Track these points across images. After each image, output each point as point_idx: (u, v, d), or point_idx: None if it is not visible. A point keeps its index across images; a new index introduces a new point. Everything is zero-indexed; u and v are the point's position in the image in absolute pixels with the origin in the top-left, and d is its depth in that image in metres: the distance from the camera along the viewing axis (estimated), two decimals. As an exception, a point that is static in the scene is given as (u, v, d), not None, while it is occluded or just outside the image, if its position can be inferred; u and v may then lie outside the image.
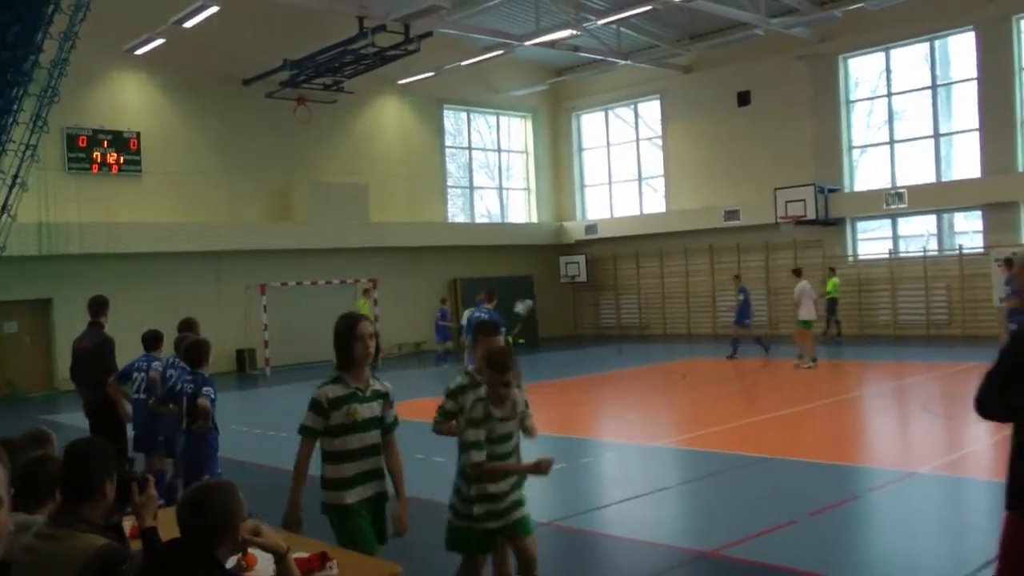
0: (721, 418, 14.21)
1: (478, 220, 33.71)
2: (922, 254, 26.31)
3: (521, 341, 24.05)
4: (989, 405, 4.01)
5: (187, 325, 9.47)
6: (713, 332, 29.97)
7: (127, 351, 10.13)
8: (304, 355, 27.07)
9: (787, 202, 26.92)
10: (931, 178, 26.17)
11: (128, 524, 4.30)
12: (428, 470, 10.17)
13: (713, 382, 19.20)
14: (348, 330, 5.16)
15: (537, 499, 10.09)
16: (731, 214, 29.41)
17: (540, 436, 11.89)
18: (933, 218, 26.54)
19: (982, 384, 4.04)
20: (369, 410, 5.16)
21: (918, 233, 27.07)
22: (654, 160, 33.04)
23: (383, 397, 5.27)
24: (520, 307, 18.54)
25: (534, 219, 34.94)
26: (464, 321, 19.27)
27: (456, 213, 33.14)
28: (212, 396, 7.77)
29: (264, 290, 25.96)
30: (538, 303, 30.75)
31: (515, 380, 5.40)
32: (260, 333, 25.84)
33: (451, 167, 33.08)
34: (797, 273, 21.63)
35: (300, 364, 26.51)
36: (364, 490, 5.14)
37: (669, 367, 22.28)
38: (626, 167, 34.06)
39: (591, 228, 33.76)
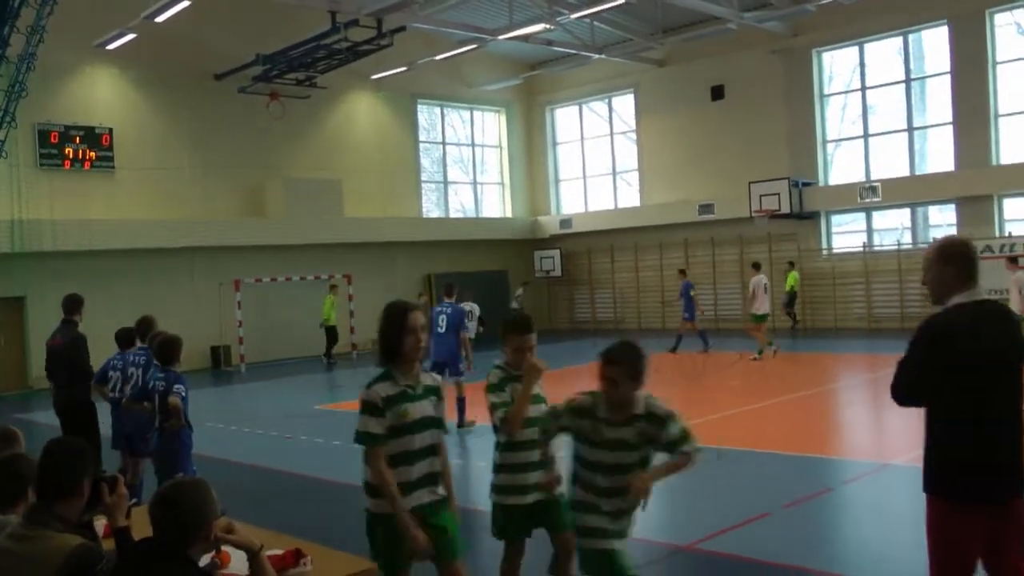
0: (695, 411, 14.20)
1: (453, 215, 33.69)
2: (896, 247, 26.52)
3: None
4: (906, 392, 4.26)
5: (144, 324, 9.43)
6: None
7: (101, 349, 10.09)
8: (279, 351, 27.03)
9: (761, 196, 27.05)
10: (905, 172, 26.38)
11: (100, 524, 4.29)
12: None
13: (687, 376, 19.23)
14: (398, 322, 4.73)
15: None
16: (705, 208, 29.52)
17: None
18: (907, 211, 26.76)
19: (897, 372, 4.26)
20: (421, 409, 4.73)
21: (892, 227, 27.30)
22: (628, 154, 33.11)
23: (434, 393, 4.86)
24: (520, 292, 18.70)
25: (509, 214, 34.96)
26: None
27: (431, 208, 33.11)
28: (183, 394, 7.72)
29: (238, 286, 25.87)
30: (510, 298, 30.85)
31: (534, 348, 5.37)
32: (234, 329, 25.75)
33: (425, 162, 33.04)
34: (756, 267, 21.88)
35: (275, 361, 26.45)
36: (420, 495, 4.70)
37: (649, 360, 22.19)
38: (600, 161, 34.11)
39: (566, 222, 33.81)
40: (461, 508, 5.32)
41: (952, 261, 4.25)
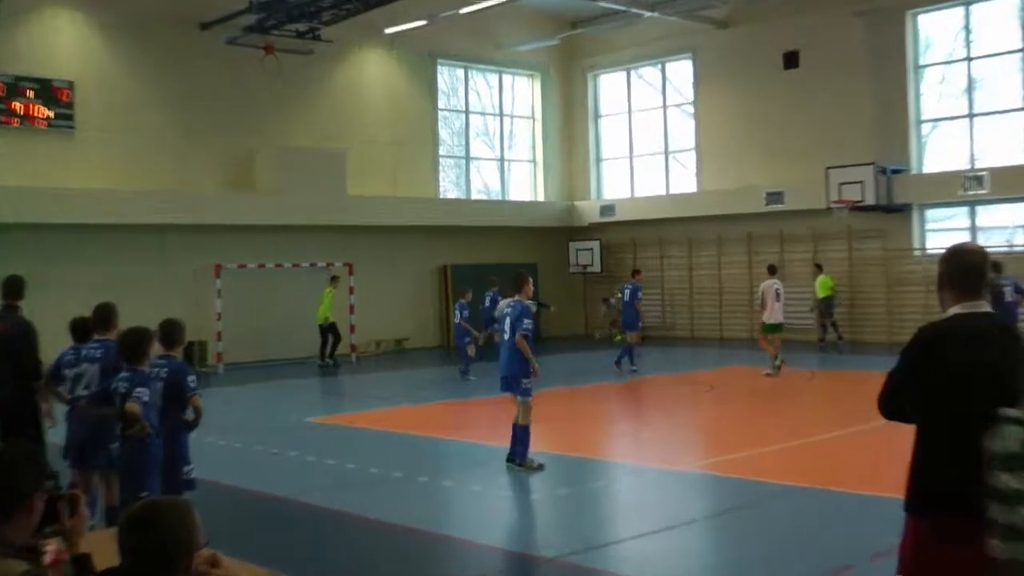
0: (756, 439, 14.24)
1: (475, 197, 33.66)
2: (1007, 248, 26.19)
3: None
4: (888, 403, 4.72)
5: (102, 313, 9.30)
6: (750, 335, 29.81)
7: (46, 342, 10.05)
8: (265, 351, 26.98)
9: (841, 184, 26.78)
10: (1019, 159, 26.07)
11: (52, 548, 4.21)
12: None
13: (748, 395, 19.18)
14: None
15: (540, 531, 10.14)
16: (774, 196, 29.31)
17: (543, 456, 12.00)
18: (1021, 206, 26.44)
19: (884, 383, 4.71)
20: None
21: (1002, 224, 26.99)
22: (684, 131, 32.96)
23: None
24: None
25: (540, 197, 34.89)
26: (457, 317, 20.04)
27: (449, 188, 33.10)
28: (144, 398, 7.72)
29: (219, 272, 25.84)
30: (545, 295, 30.73)
31: None
32: (212, 323, 25.71)
33: (444, 134, 33.00)
34: (771, 270, 22.09)
35: (259, 362, 26.43)
36: None
37: (696, 376, 22.23)
38: (650, 138, 33.97)
39: (607, 209, 33.70)
40: None
41: (957, 269, 4.65)
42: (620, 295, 23.70)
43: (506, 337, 12.14)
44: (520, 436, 12.09)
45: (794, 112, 29.35)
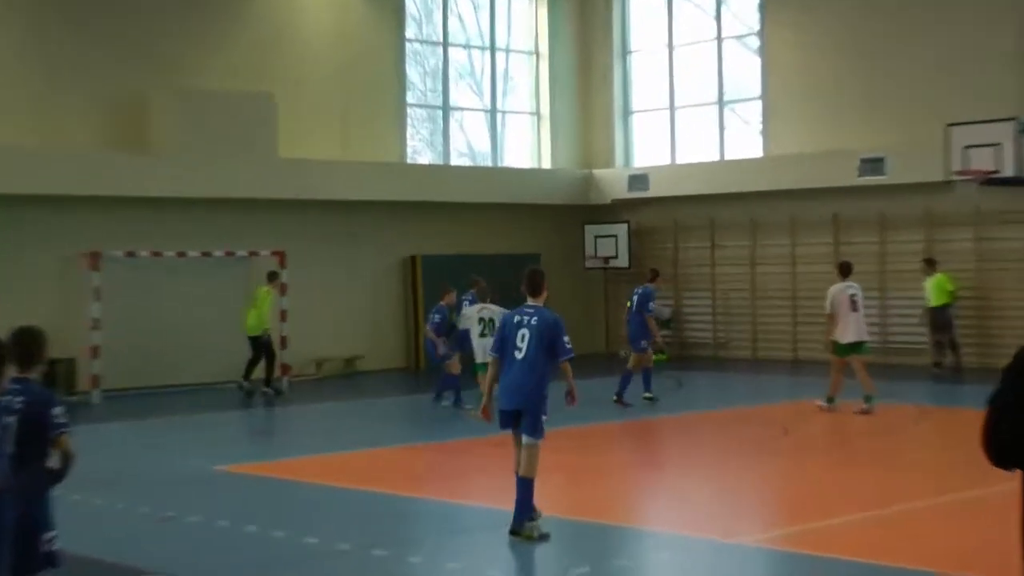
0: (847, 502, 14.26)
1: (455, 162, 33.75)
2: None
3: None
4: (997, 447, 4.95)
5: None
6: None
7: None
8: (159, 373, 26.93)
9: (968, 147, 26.67)
10: None
11: None
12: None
13: (836, 441, 19.22)
14: None
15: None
16: (871, 164, 29.23)
17: (552, 522, 11.83)
18: None
19: (986, 418, 4.96)
20: None
21: None
22: (746, 74, 33.18)
23: None
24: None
25: (546, 164, 35.00)
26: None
27: (420, 150, 33.37)
28: (67, 424, 8.11)
29: (96, 263, 25.73)
30: (551, 301, 30.48)
31: None
32: (86, 334, 25.60)
33: (414, 75, 33.15)
34: (843, 270, 22.28)
35: (152, 388, 26.45)
36: None
37: (761, 413, 22.44)
38: (699, 84, 34.05)
39: (638, 181, 33.71)
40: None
41: None
42: (629, 303, 23.75)
43: (520, 355, 12.21)
44: (527, 494, 12.07)
45: (903, 46, 29.30)
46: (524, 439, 12.05)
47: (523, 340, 12.14)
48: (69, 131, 26.73)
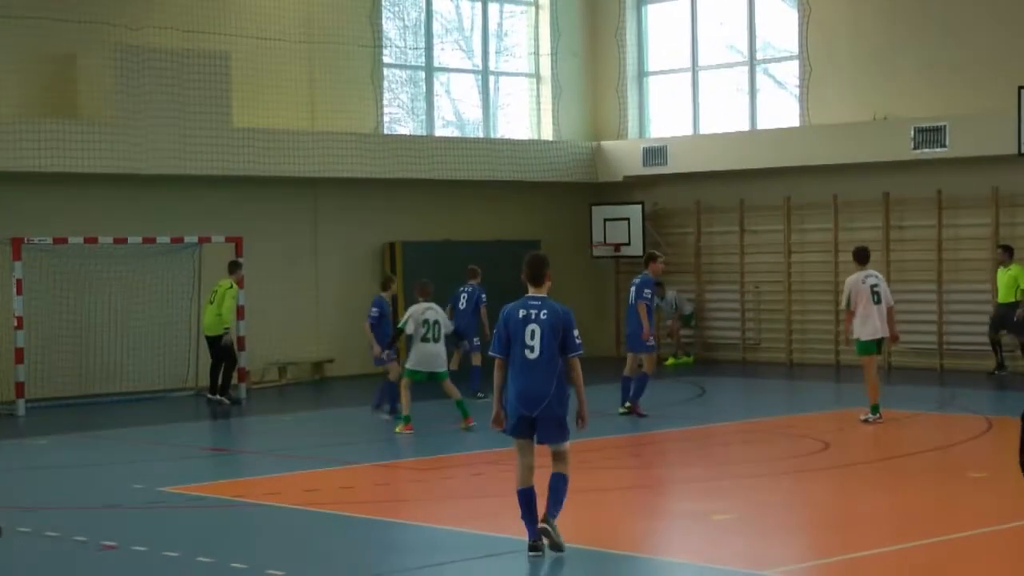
0: (897, 528, 14.39)
1: (440, 133, 33.82)
2: None
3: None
4: None
5: None
6: (885, 360, 29.75)
7: None
8: (95, 380, 26.96)
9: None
10: None
11: None
12: None
13: (882, 456, 19.29)
14: None
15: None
16: (929, 134, 29.30)
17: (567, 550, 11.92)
18: None
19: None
20: None
21: None
22: (781, 28, 33.18)
23: None
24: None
25: (548, 135, 35.09)
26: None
27: (399, 118, 33.42)
28: None
29: (19, 251, 25.70)
30: (553, 295, 30.59)
31: None
32: (9, 335, 25.64)
33: (391, 29, 33.14)
34: (859, 257, 22.49)
35: (86, 397, 26.53)
36: None
37: (797, 423, 22.56)
38: (727, 40, 34.22)
39: (655, 154, 33.81)
40: None
41: None
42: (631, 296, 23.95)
43: (533, 355, 12.38)
44: (566, 489, 12.49)
45: (959, -2, 29.34)
46: (553, 446, 12.35)
47: (533, 337, 12.27)
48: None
